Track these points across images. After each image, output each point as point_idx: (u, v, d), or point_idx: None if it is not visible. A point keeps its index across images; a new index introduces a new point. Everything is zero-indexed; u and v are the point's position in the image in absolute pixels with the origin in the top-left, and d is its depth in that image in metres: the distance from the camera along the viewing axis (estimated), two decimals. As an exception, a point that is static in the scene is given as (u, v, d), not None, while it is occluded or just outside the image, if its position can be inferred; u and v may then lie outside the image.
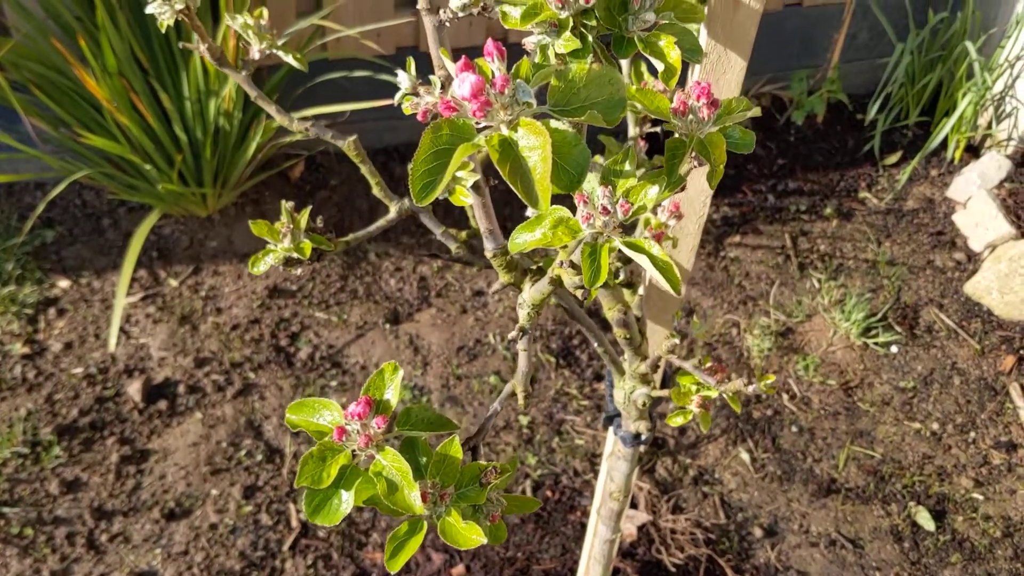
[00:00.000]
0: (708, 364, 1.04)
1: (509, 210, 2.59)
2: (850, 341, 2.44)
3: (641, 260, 0.54)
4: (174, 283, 2.42)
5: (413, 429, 0.69)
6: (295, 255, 0.90)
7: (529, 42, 0.64)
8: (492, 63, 0.50)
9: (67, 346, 2.26)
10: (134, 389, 2.17)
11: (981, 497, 2.15)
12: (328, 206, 2.63)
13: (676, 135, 0.59)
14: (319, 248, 0.92)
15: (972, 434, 2.28)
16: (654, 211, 0.98)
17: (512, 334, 0.84)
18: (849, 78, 3.02)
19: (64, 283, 2.39)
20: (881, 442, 2.25)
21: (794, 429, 2.25)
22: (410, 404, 2.19)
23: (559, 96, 0.51)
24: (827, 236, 2.71)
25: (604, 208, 0.55)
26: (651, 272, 0.54)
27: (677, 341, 0.96)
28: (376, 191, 0.99)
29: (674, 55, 0.61)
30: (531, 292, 0.84)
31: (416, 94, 0.81)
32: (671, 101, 0.59)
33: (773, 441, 2.23)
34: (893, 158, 2.92)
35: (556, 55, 0.62)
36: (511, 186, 0.48)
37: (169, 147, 2.26)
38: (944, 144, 2.91)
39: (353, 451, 0.68)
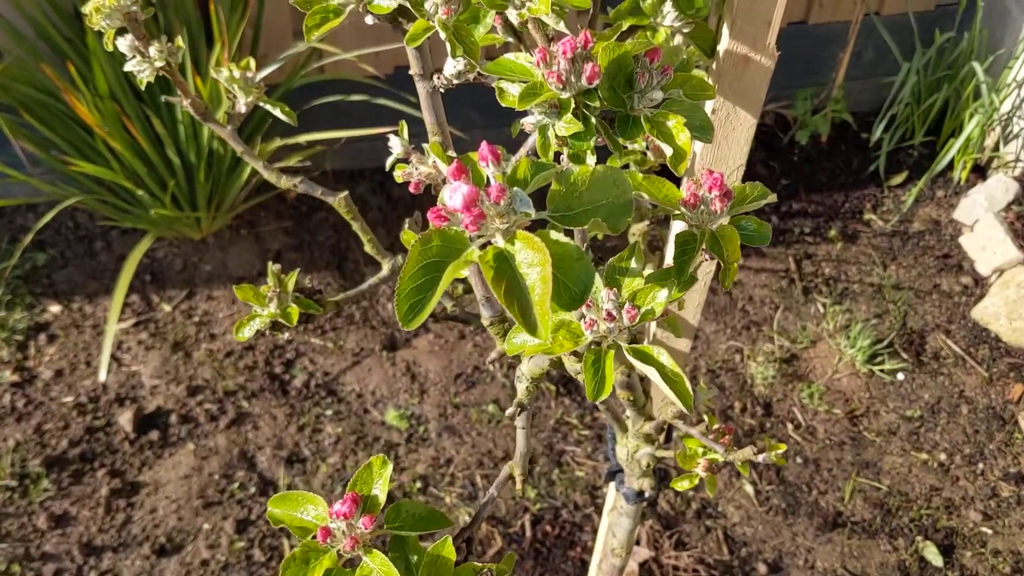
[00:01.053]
0: (716, 426, 0.99)
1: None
2: (856, 368, 2.39)
3: (649, 372, 0.50)
4: (167, 308, 2.37)
5: (403, 527, 0.65)
6: (282, 320, 0.86)
7: (528, 123, 0.59)
8: (487, 168, 0.46)
9: (57, 373, 2.22)
10: (125, 419, 2.12)
11: (990, 531, 2.11)
12: (325, 228, 2.58)
13: (686, 227, 0.54)
14: (307, 312, 0.88)
15: (980, 465, 2.23)
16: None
17: (510, 411, 0.79)
18: (853, 96, 2.98)
19: (55, 308, 2.35)
20: (888, 473, 2.20)
21: (799, 460, 2.21)
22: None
23: (560, 201, 0.47)
24: (832, 259, 2.66)
25: (609, 313, 0.51)
26: (660, 385, 0.49)
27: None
28: (368, 248, 0.95)
29: (683, 138, 0.57)
30: (530, 365, 0.80)
31: (408, 160, 0.77)
32: (680, 189, 0.55)
33: (777, 473, 2.18)
34: (898, 178, 2.88)
35: (557, 136, 0.58)
36: (506, 307, 0.43)
37: (162, 171, 2.22)
38: (950, 165, 2.86)
39: (339, 551, 0.64)
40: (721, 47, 0.82)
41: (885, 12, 2.85)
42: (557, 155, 0.63)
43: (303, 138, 2.24)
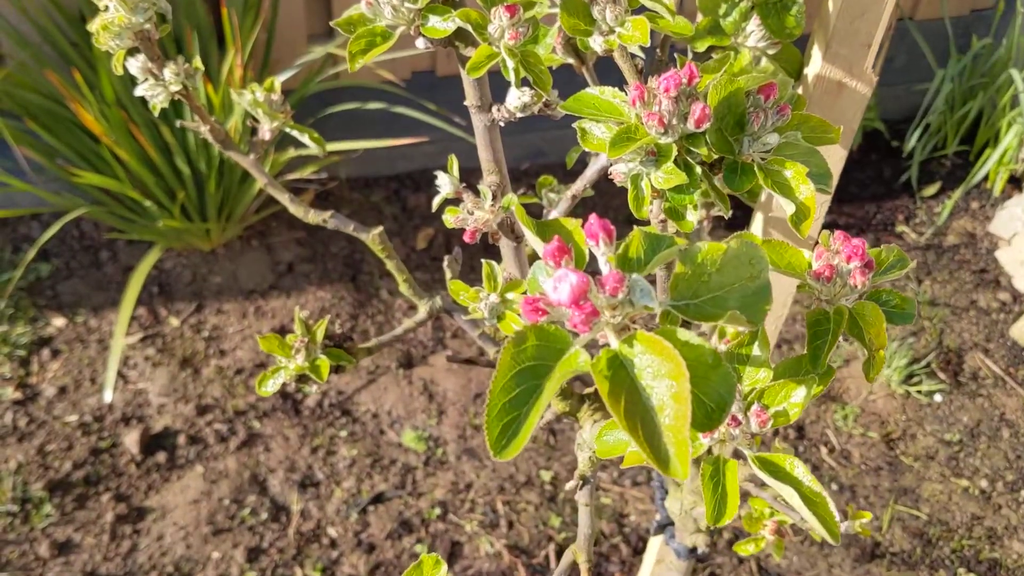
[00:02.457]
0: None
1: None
2: (891, 389, 2.30)
3: (783, 490, 0.40)
4: (175, 322, 2.28)
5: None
6: (310, 374, 0.76)
7: (618, 172, 0.50)
8: (597, 248, 0.36)
9: (61, 391, 2.13)
10: (131, 440, 2.03)
11: (1035, 563, 2.01)
12: (338, 238, 2.49)
13: (817, 304, 0.45)
14: (338, 363, 0.78)
15: (1023, 493, 2.13)
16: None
17: (570, 484, 0.70)
18: (884, 103, 2.88)
19: (59, 321, 2.26)
20: (927, 501, 2.10)
21: (834, 487, 2.11)
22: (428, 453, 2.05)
23: (684, 286, 0.37)
24: (864, 273, 2.56)
25: (733, 416, 0.41)
26: (796, 507, 0.40)
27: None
28: (403, 288, 0.86)
29: (806, 191, 0.48)
30: (594, 430, 0.71)
31: (458, 200, 0.67)
32: (808, 255, 0.45)
33: (812, 500, 2.08)
34: (931, 189, 2.78)
35: (652, 188, 0.49)
36: (626, 432, 0.34)
37: (171, 181, 2.13)
38: (985, 176, 2.76)
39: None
40: (810, 71, 0.72)
41: (919, 16, 2.75)
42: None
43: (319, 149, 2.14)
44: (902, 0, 2.70)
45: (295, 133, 0.78)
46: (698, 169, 0.48)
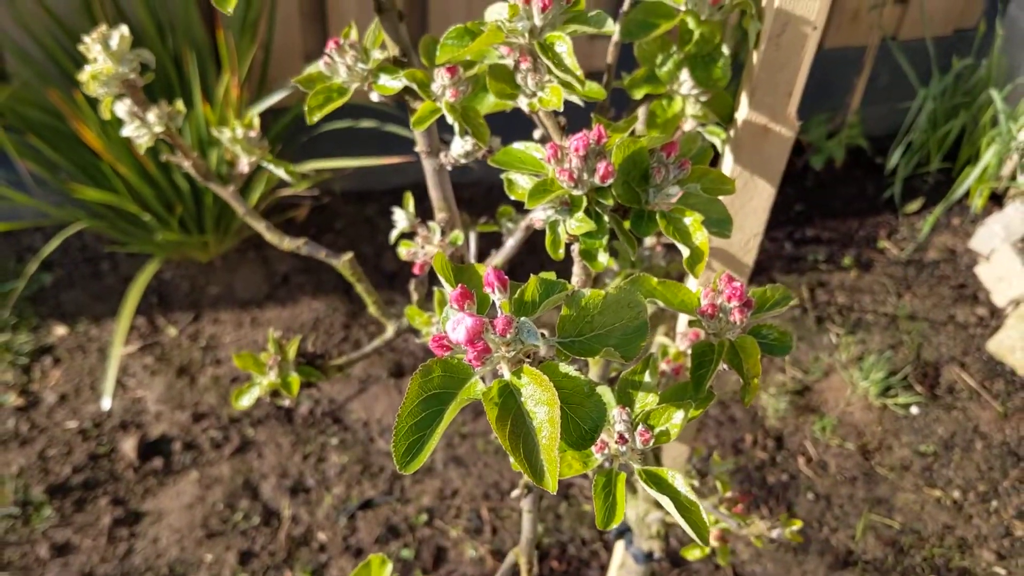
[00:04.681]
0: (728, 494, 0.96)
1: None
2: (868, 401, 2.36)
3: (662, 499, 0.47)
4: (173, 332, 2.35)
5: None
6: (282, 391, 0.83)
7: (537, 219, 0.57)
8: (493, 294, 0.43)
9: (62, 398, 2.20)
10: (129, 446, 2.10)
11: (1004, 572, 2.07)
12: (333, 250, 2.56)
13: (704, 337, 0.52)
14: (309, 380, 0.85)
15: (994, 503, 2.19)
16: (671, 338, 0.91)
17: (515, 492, 0.77)
18: (868, 122, 2.95)
19: (61, 330, 2.33)
20: (900, 510, 2.16)
21: (810, 496, 2.17)
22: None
23: (570, 327, 0.44)
24: (845, 288, 2.63)
25: (621, 435, 0.48)
26: (672, 514, 0.47)
27: (696, 483, 0.88)
28: (372, 310, 0.93)
29: (701, 237, 0.54)
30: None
31: (414, 234, 0.74)
32: (699, 295, 0.52)
33: (788, 508, 2.14)
34: (914, 206, 2.84)
35: (568, 233, 0.56)
36: (508, 450, 0.40)
37: (170, 195, 2.20)
38: (967, 193, 2.83)
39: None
40: (740, 116, 0.79)
41: (902, 37, 2.82)
42: (568, 245, 0.60)
43: (311, 166, 2.22)
44: (886, 21, 2.77)
45: (271, 167, 0.85)
46: (606, 218, 0.55)
